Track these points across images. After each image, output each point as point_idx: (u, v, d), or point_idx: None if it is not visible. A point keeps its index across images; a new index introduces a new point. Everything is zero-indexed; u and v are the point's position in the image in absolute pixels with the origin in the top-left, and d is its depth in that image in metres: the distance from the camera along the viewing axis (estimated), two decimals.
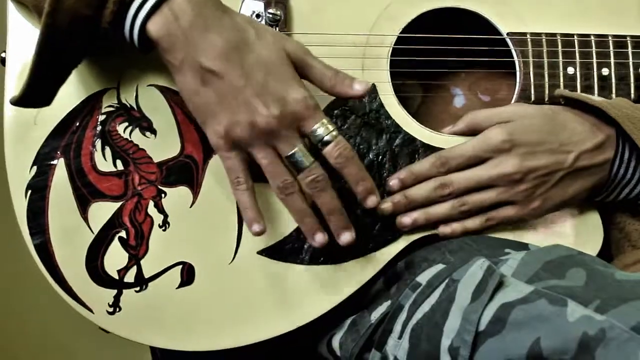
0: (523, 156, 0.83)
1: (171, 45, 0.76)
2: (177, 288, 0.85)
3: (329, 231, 0.82)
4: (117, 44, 0.79)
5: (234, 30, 0.77)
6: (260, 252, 0.86)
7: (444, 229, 0.87)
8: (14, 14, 0.86)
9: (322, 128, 0.79)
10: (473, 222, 0.86)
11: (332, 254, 0.86)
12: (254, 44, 0.78)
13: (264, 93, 0.77)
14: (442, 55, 0.91)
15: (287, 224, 0.86)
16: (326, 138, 0.79)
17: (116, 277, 0.85)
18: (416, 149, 0.88)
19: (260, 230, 0.80)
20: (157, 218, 0.85)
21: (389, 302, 0.84)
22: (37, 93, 0.79)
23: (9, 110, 0.85)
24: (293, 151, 0.79)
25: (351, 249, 0.86)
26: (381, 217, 0.87)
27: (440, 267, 0.81)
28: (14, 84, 0.85)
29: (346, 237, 0.82)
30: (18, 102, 0.79)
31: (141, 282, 0.85)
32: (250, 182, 0.80)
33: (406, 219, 0.86)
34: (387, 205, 0.85)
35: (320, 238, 0.82)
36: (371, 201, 0.83)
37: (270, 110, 0.77)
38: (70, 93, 0.85)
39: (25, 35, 0.85)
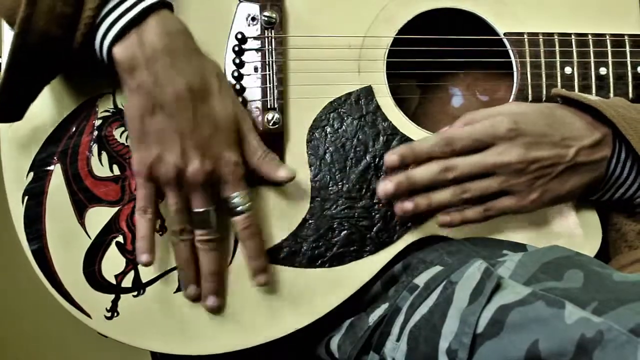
0: (527, 146, 0.82)
1: (132, 69, 0.76)
2: (174, 292, 0.85)
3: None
4: (91, 62, 0.79)
5: (199, 76, 0.78)
6: None
7: (443, 218, 0.85)
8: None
9: (240, 198, 0.81)
10: (472, 212, 0.85)
11: (329, 257, 0.86)
12: (213, 97, 0.79)
13: (204, 147, 0.78)
14: (439, 56, 0.91)
15: (285, 227, 0.86)
16: (240, 208, 0.82)
17: (114, 282, 0.85)
18: None
19: (147, 261, 0.81)
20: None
21: (386, 305, 0.84)
22: (6, 109, 0.80)
23: None
24: (204, 209, 0.81)
25: (349, 252, 0.86)
26: (379, 219, 0.87)
27: (437, 269, 0.81)
28: None
29: (212, 302, 0.84)
30: None
31: (139, 286, 0.85)
32: (154, 215, 0.82)
33: (408, 204, 0.84)
34: (388, 185, 0.83)
35: (192, 291, 0.84)
36: (259, 279, 0.84)
37: (202, 165, 0.78)
38: (66, 98, 0.85)
39: None
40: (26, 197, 0.84)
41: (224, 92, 0.80)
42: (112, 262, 0.85)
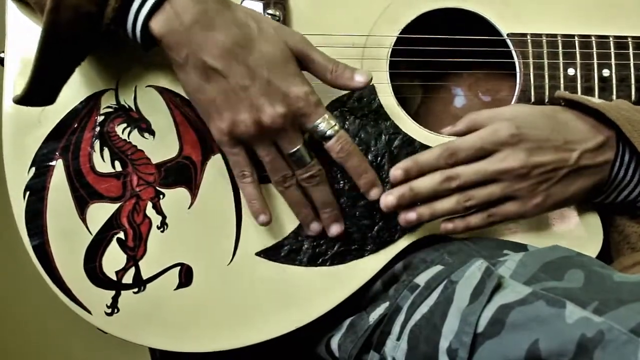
0: (530, 151, 0.82)
1: (174, 43, 0.76)
2: (175, 289, 0.85)
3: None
4: (120, 40, 0.79)
5: (236, 27, 0.78)
6: (259, 254, 0.86)
7: (446, 226, 0.86)
8: (13, 14, 0.86)
9: (324, 123, 0.81)
10: (475, 219, 0.85)
11: (330, 256, 0.86)
12: (256, 40, 0.78)
13: (268, 92, 0.78)
14: (442, 56, 0.91)
15: (286, 225, 0.86)
16: (328, 133, 0.81)
17: (114, 278, 0.85)
18: (415, 150, 0.88)
19: (267, 220, 0.83)
20: (156, 219, 0.85)
21: (387, 304, 0.84)
22: (40, 91, 0.79)
23: (8, 110, 0.85)
24: (295, 149, 0.81)
25: (350, 251, 0.86)
26: (380, 219, 0.87)
27: (438, 268, 0.81)
28: (13, 84, 0.85)
29: (335, 229, 0.85)
30: (21, 100, 0.79)
31: (139, 283, 0.85)
32: (255, 174, 0.83)
33: (411, 215, 0.84)
34: (390, 197, 0.84)
35: (315, 227, 0.85)
36: (374, 193, 0.84)
37: (275, 109, 0.78)
38: (69, 94, 0.85)
39: (24, 36, 0.85)
40: (27, 193, 0.84)
41: (265, 30, 0.79)
42: (113, 259, 0.85)
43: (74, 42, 0.77)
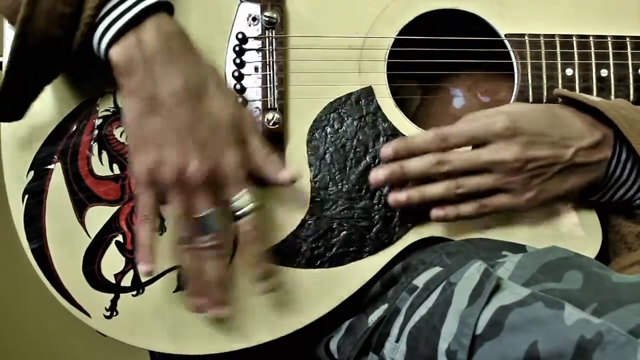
0: (524, 145, 0.82)
1: (130, 70, 0.76)
2: (173, 292, 0.85)
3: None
4: (92, 61, 0.79)
5: (196, 74, 0.78)
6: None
7: (437, 212, 0.85)
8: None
9: (244, 199, 0.79)
10: (466, 207, 0.84)
11: (329, 258, 0.86)
12: (211, 96, 0.78)
13: (203, 146, 0.77)
14: (440, 57, 0.91)
15: (284, 228, 0.86)
16: (243, 211, 0.79)
17: (113, 281, 0.85)
18: None
19: (148, 271, 0.79)
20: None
21: (386, 306, 0.84)
22: (7, 107, 0.80)
23: None
24: (206, 212, 0.78)
25: (348, 253, 0.86)
26: (378, 220, 0.87)
27: (437, 270, 0.81)
28: None
29: (219, 312, 0.82)
30: None
31: (138, 286, 0.85)
32: (156, 224, 0.80)
33: (401, 195, 0.84)
34: (380, 172, 0.83)
35: (199, 301, 0.82)
36: (265, 287, 0.82)
37: (203, 165, 0.77)
38: (67, 97, 0.85)
39: None
40: (26, 196, 0.84)
41: (222, 91, 0.79)
42: (112, 261, 0.85)
43: (43, 64, 0.78)
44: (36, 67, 0.77)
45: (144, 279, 0.85)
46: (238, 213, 0.80)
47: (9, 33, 0.86)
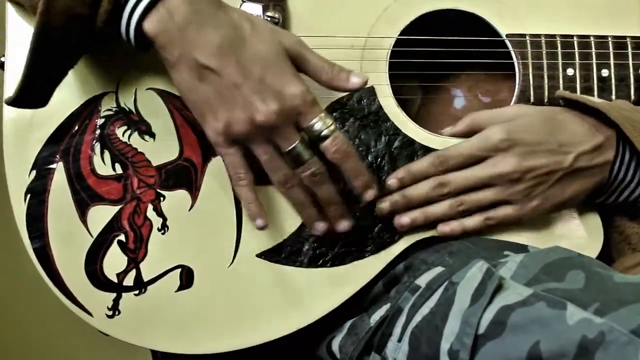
0: (522, 155, 0.83)
1: (167, 42, 0.76)
2: (176, 291, 0.85)
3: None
4: (114, 42, 0.79)
5: (230, 26, 0.77)
6: (259, 255, 0.86)
7: (442, 228, 0.86)
8: (13, 18, 0.86)
9: (320, 123, 0.79)
10: (472, 222, 0.86)
11: (331, 257, 0.86)
12: (249, 39, 0.78)
13: (262, 89, 0.77)
14: (442, 57, 0.91)
15: (286, 227, 0.86)
16: (324, 133, 0.80)
17: (115, 280, 0.85)
18: (415, 151, 0.88)
19: (263, 224, 0.82)
20: (156, 221, 0.85)
21: (388, 305, 0.84)
22: (32, 93, 0.79)
23: (8, 114, 0.85)
24: (292, 146, 0.79)
25: (350, 252, 0.86)
26: (380, 219, 0.87)
27: (439, 269, 0.81)
28: (14, 88, 0.85)
29: (343, 225, 0.84)
30: (13, 102, 0.79)
31: (140, 285, 0.85)
32: (251, 176, 0.81)
33: (405, 219, 0.85)
34: (384, 204, 0.85)
35: (320, 227, 0.84)
36: (369, 195, 0.84)
37: (269, 107, 0.77)
38: (69, 97, 0.85)
39: (24, 40, 0.84)
40: (28, 195, 0.84)
41: (259, 30, 0.79)
42: (114, 261, 0.85)
43: (66, 45, 0.77)
44: (60, 48, 0.77)
45: (145, 274, 0.85)
46: (321, 136, 0.80)
47: (11, 34, 0.86)
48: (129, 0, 0.75)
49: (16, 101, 0.79)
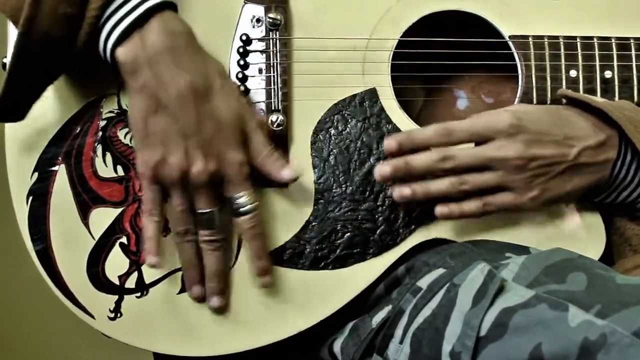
0: (528, 143, 0.82)
1: (135, 70, 0.77)
2: (177, 294, 0.85)
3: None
4: (97, 61, 0.79)
5: (201, 75, 0.78)
6: None
7: (441, 209, 0.84)
8: None
9: (245, 198, 0.81)
10: (470, 205, 0.84)
11: (332, 259, 0.86)
12: (215, 96, 0.79)
13: (207, 147, 0.78)
14: (444, 59, 0.91)
15: (288, 229, 0.86)
16: (245, 209, 0.81)
17: (117, 282, 0.85)
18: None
19: (155, 263, 0.81)
20: None
21: (390, 307, 0.84)
22: (9, 108, 0.80)
23: None
24: (208, 210, 0.81)
25: (352, 254, 0.86)
26: (382, 222, 0.87)
27: (441, 271, 0.81)
28: None
29: (216, 302, 0.84)
30: None
31: (142, 287, 0.85)
32: (161, 216, 0.82)
33: (406, 190, 0.83)
34: (386, 167, 0.83)
35: (196, 291, 0.84)
36: (264, 280, 0.84)
37: (206, 165, 0.78)
38: (71, 99, 0.85)
39: None
40: (30, 198, 0.84)
41: (227, 90, 0.80)
42: (116, 263, 0.85)
43: (45, 65, 0.78)
44: (39, 67, 0.78)
45: (147, 276, 0.85)
46: (240, 210, 0.81)
47: (13, 34, 0.86)
48: (106, 25, 0.76)
49: None
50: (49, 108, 0.84)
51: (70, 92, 0.85)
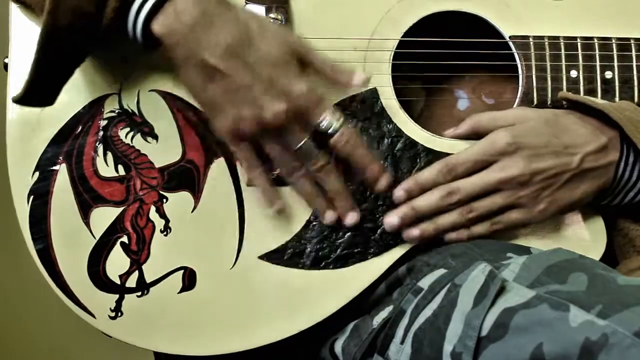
0: (529, 158, 0.82)
1: (174, 43, 0.77)
2: (178, 293, 0.85)
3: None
4: (122, 44, 0.79)
5: (237, 27, 0.78)
6: (262, 257, 0.86)
7: (450, 236, 0.86)
8: (17, 19, 0.86)
9: (328, 118, 0.81)
10: (479, 228, 0.85)
11: (333, 259, 0.86)
12: (257, 40, 0.78)
13: (270, 89, 0.78)
14: (445, 59, 0.91)
15: (289, 229, 0.86)
16: (333, 128, 0.81)
17: (118, 282, 0.85)
18: (418, 153, 0.88)
19: (278, 208, 0.84)
20: (159, 223, 0.86)
21: (391, 307, 0.84)
22: (39, 92, 0.79)
23: (12, 115, 0.85)
24: (300, 144, 0.80)
25: (353, 254, 0.86)
26: (383, 221, 0.86)
27: (442, 271, 0.81)
28: (17, 89, 0.85)
29: (352, 218, 0.85)
30: (20, 100, 0.79)
31: (143, 287, 0.85)
32: (262, 165, 0.83)
33: (415, 232, 0.85)
34: (393, 219, 0.85)
35: (330, 216, 0.85)
36: (381, 185, 0.84)
37: (277, 107, 0.78)
38: (72, 98, 0.85)
39: (28, 41, 0.85)
40: (31, 197, 0.84)
41: (265, 30, 0.79)
42: (117, 263, 0.85)
43: (73, 43, 0.78)
44: (68, 47, 0.77)
45: (148, 276, 0.85)
46: (329, 132, 0.81)
47: (15, 35, 0.86)
48: (135, 1, 0.75)
49: (23, 99, 0.79)
50: (50, 107, 0.84)
51: (71, 91, 0.84)
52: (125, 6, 0.76)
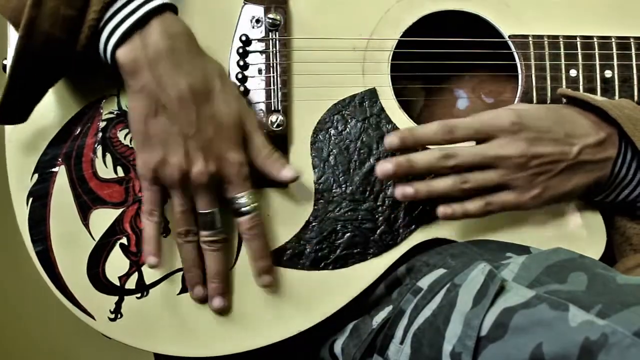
0: (530, 141, 0.82)
1: (135, 71, 0.77)
2: (178, 294, 0.85)
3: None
4: (95, 64, 0.80)
5: (201, 77, 0.78)
6: None
7: (444, 209, 0.84)
8: None
9: (245, 198, 0.81)
10: (472, 205, 0.84)
11: (333, 259, 0.86)
12: (216, 97, 0.79)
13: (207, 147, 0.78)
14: (444, 58, 0.91)
15: (288, 229, 0.86)
16: (246, 209, 0.82)
17: (117, 283, 0.85)
18: None
19: (155, 263, 0.82)
20: None
21: (390, 307, 0.84)
22: (11, 110, 0.80)
23: None
24: (209, 210, 0.81)
25: (352, 254, 0.86)
26: (382, 222, 0.87)
27: (441, 271, 0.81)
28: None
29: (218, 303, 0.84)
30: None
31: (142, 288, 0.85)
32: (161, 217, 0.82)
33: (408, 189, 0.83)
34: (387, 165, 0.82)
35: (199, 292, 0.84)
36: (265, 280, 0.84)
37: (206, 166, 0.79)
38: (71, 100, 0.85)
39: None
40: (31, 199, 0.84)
41: (227, 91, 0.80)
42: (116, 264, 0.85)
43: (46, 67, 0.78)
44: (40, 70, 0.78)
45: (147, 277, 0.85)
46: (241, 211, 0.82)
47: (14, 36, 0.86)
48: (106, 27, 0.76)
49: None
50: (49, 109, 0.84)
51: (70, 93, 0.85)
52: (97, 34, 0.76)
